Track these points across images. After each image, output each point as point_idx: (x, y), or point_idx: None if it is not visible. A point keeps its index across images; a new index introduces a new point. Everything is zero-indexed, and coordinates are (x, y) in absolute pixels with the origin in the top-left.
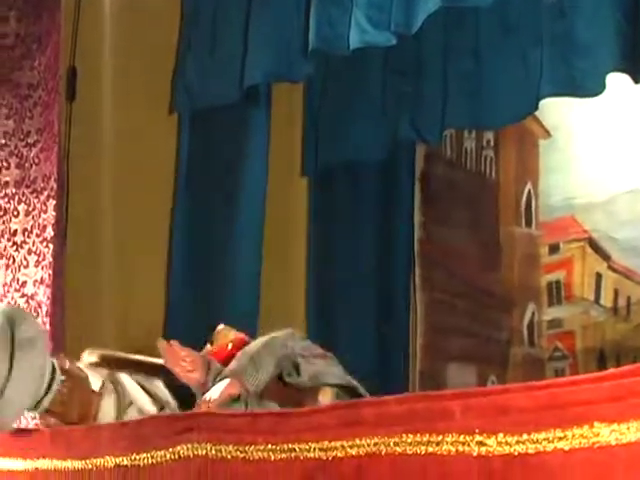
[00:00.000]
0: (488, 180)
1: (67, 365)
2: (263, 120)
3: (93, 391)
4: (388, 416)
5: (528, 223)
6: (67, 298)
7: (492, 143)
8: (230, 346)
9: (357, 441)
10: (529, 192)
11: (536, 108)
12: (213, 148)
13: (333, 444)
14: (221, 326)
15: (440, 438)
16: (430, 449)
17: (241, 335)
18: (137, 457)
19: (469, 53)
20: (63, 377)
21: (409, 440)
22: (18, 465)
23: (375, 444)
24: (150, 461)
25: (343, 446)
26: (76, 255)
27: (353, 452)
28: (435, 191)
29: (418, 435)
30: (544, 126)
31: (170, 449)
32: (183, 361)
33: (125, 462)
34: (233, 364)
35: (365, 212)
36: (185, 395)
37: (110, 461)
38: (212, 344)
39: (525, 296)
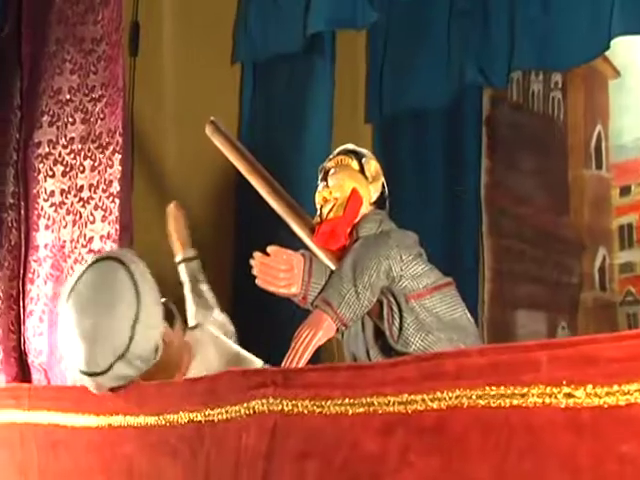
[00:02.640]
0: (556, 122)
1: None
2: (327, 69)
3: (187, 350)
4: (470, 368)
5: (598, 165)
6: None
7: (560, 85)
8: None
9: (438, 394)
10: (599, 133)
11: (607, 47)
12: (277, 98)
13: (413, 397)
14: (351, 146)
15: (525, 390)
16: (515, 401)
17: (364, 185)
18: (211, 412)
19: None
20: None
21: (492, 393)
22: (91, 421)
23: (457, 397)
24: (224, 416)
25: (424, 399)
26: (143, 209)
27: (434, 405)
28: (501, 135)
29: (502, 387)
30: (614, 66)
31: (245, 404)
32: (277, 278)
33: (199, 417)
34: (330, 285)
35: (431, 159)
36: None
37: (184, 417)
38: (327, 187)
39: (596, 240)
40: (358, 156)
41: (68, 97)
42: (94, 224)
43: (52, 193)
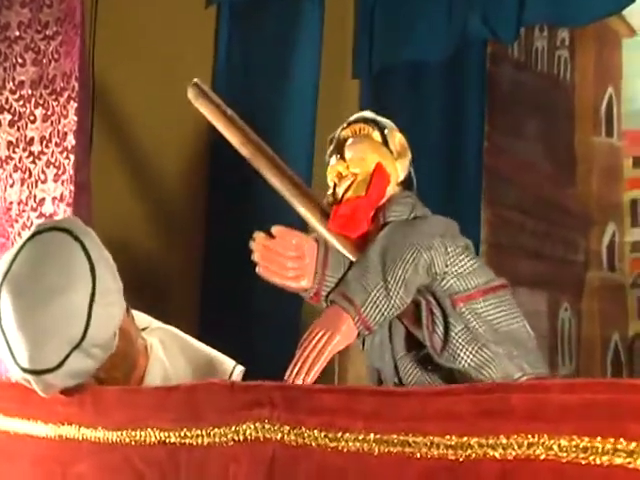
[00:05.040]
0: (562, 83)
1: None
2: (315, 12)
3: (144, 348)
4: (550, 407)
5: (609, 132)
6: (92, 218)
7: (567, 42)
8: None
9: (502, 439)
10: (610, 97)
11: (633, 0)
12: (257, 45)
13: (467, 440)
14: (368, 114)
15: (634, 446)
16: (618, 460)
17: (390, 160)
18: (188, 434)
19: None
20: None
21: (582, 444)
22: (38, 430)
23: (530, 445)
24: (204, 440)
25: (481, 444)
26: (102, 168)
27: (496, 454)
28: (501, 96)
29: (599, 439)
30: (628, 23)
31: (233, 427)
32: (285, 268)
33: (172, 439)
34: (352, 278)
35: (427, 120)
36: None
37: (153, 435)
38: (343, 160)
39: (605, 214)
40: (380, 126)
41: (17, 34)
42: (45, 183)
43: None
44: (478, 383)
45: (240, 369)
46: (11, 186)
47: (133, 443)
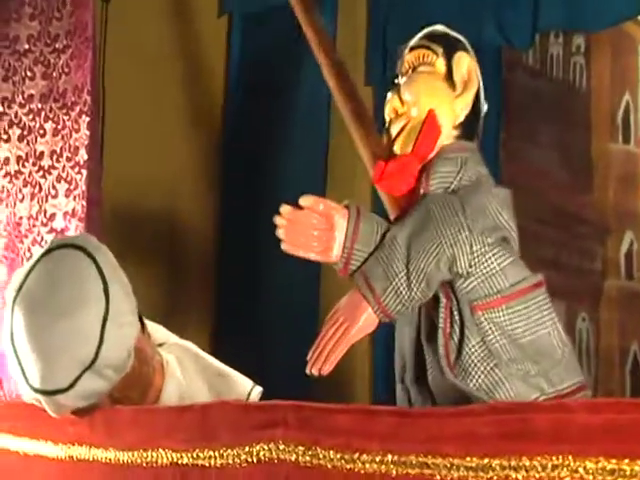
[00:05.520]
0: (578, 90)
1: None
2: (328, 20)
3: (160, 366)
4: (575, 429)
5: (626, 139)
6: (104, 234)
7: (582, 48)
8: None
9: (525, 461)
10: (627, 104)
11: None
12: (268, 54)
13: (488, 462)
14: (441, 28)
15: None
16: None
17: (446, 107)
18: (200, 455)
19: None
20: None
21: (609, 467)
22: (49, 450)
23: (554, 467)
24: (218, 462)
25: (503, 466)
26: (115, 181)
27: (519, 476)
28: (517, 103)
29: (626, 461)
30: None
31: (246, 448)
32: (311, 238)
33: (185, 460)
34: (376, 261)
35: None
36: None
37: (165, 456)
38: (399, 94)
39: (622, 222)
40: (448, 49)
41: (27, 47)
42: (56, 198)
43: (7, 160)
44: (499, 402)
45: (258, 390)
46: (21, 201)
47: (144, 464)
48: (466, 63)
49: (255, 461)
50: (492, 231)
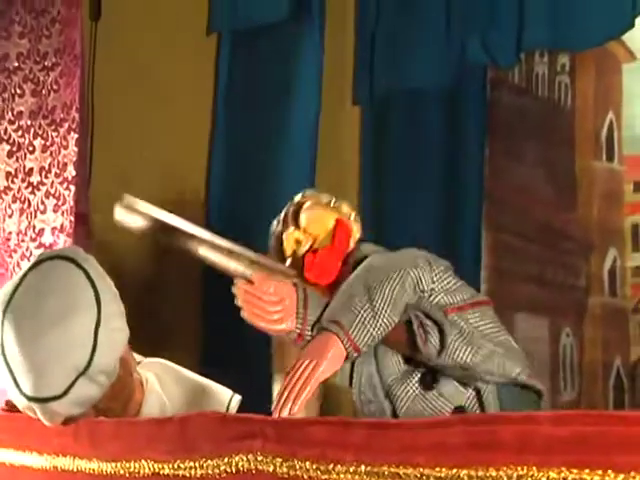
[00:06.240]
0: (562, 109)
1: None
2: (315, 39)
3: (139, 383)
4: (540, 440)
5: (609, 157)
6: (92, 249)
7: (567, 68)
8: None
9: (492, 471)
10: (611, 122)
11: (632, 25)
12: (258, 73)
13: (457, 472)
14: (309, 192)
15: (621, 478)
16: None
17: (346, 219)
18: (181, 465)
19: None
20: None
21: (571, 477)
22: (34, 461)
23: (518, 477)
24: (198, 472)
25: (471, 476)
26: (102, 199)
27: None
28: (502, 121)
29: (587, 471)
30: (627, 48)
31: (225, 459)
32: (268, 312)
33: (166, 470)
34: (337, 304)
35: (428, 146)
36: None
37: (147, 467)
38: (298, 229)
39: (606, 239)
40: (326, 199)
41: (16, 65)
42: (45, 214)
43: None
44: (470, 414)
45: (237, 398)
46: (10, 216)
47: (127, 475)
48: (345, 204)
49: (234, 471)
50: (439, 260)
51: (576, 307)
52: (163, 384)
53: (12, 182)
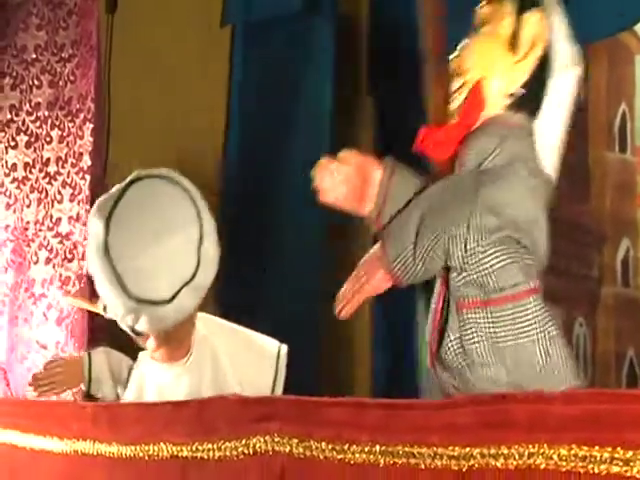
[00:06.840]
0: (575, 100)
1: None
2: (328, 30)
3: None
4: (551, 418)
5: (622, 148)
6: None
7: None
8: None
9: (504, 450)
10: (623, 113)
11: None
12: (271, 64)
13: (469, 451)
14: None
15: (631, 455)
16: (615, 469)
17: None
18: (199, 448)
19: None
20: None
21: (582, 454)
22: (55, 445)
23: (530, 455)
24: (216, 454)
25: (483, 454)
26: None
27: (498, 464)
28: None
29: (597, 448)
30: None
31: (243, 441)
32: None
33: (184, 452)
34: (397, 222)
35: None
36: None
37: (166, 449)
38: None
39: (619, 230)
40: (520, 7)
41: (34, 56)
42: (61, 204)
43: (14, 167)
44: (481, 394)
45: (285, 348)
46: (28, 206)
47: (146, 457)
48: (534, 25)
49: (251, 453)
50: (494, 231)
51: (589, 297)
52: (215, 335)
53: (30, 172)
